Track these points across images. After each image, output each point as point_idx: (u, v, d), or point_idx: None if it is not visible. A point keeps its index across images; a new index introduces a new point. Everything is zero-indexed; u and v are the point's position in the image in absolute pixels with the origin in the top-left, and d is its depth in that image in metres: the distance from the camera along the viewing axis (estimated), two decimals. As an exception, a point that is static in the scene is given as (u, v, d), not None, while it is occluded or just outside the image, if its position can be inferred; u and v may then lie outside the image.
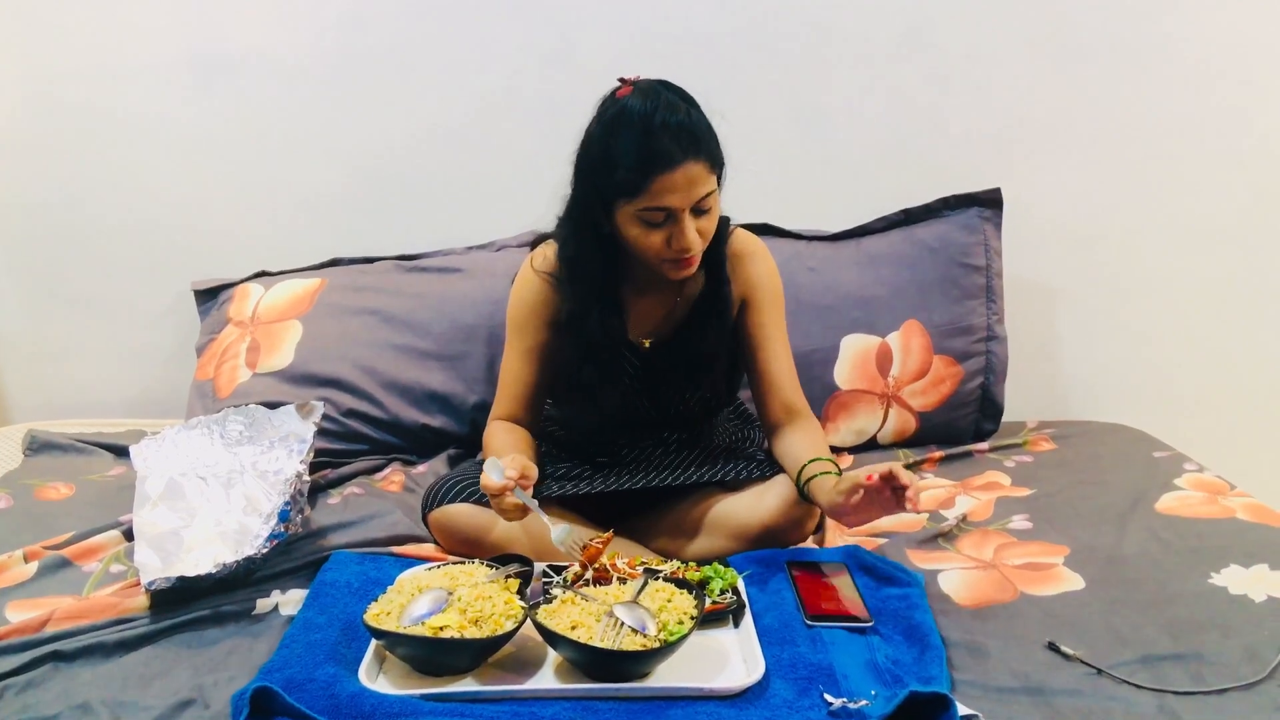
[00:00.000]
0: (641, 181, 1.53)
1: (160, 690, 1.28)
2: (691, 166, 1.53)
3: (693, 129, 1.54)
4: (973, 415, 2.18)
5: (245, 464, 1.76)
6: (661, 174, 1.52)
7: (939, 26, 2.26)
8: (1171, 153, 2.31)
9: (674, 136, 1.52)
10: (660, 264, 1.62)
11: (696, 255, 1.61)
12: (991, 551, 1.65)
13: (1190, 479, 1.88)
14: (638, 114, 1.54)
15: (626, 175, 1.54)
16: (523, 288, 1.77)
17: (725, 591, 1.44)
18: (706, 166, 1.55)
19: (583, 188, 1.63)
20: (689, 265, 1.62)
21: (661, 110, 1.53)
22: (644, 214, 1.56)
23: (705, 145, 1.55)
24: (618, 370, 1.74)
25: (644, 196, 1.54)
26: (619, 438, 1.80)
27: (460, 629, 1.28)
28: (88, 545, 1.67)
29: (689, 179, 1.53)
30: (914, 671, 1.29)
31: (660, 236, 1.57)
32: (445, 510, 1.68)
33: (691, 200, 1.55)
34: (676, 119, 1.53)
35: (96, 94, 2.30)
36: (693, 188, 1.54)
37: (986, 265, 2.19)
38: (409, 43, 2.27)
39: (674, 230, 1.56)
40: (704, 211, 1.58)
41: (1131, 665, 1.29)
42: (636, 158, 1.52)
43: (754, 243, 1.79)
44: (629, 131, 1.54)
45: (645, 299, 1.75)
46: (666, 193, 1.53)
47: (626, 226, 1.59)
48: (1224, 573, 1.52)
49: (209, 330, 2.29)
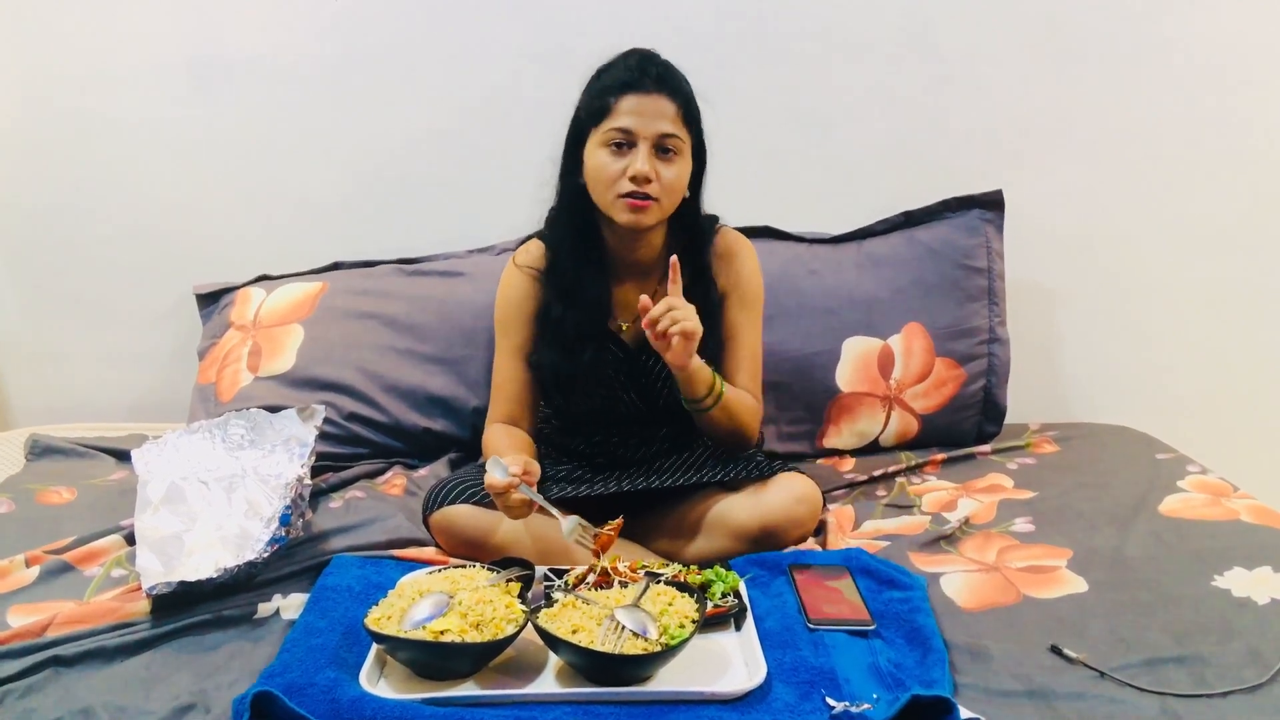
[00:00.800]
0: (610, 100, 1.65)
1: (161, 695, 1.28)
2: (661, 99, 1.64)
3: (673, 75, 1.67)
4: (975, 417, 2.17)
5: (247, 468, 1.76)
6: (629, 94, 1.64)
7: (940, 29, 2.25)
8: (1173, 154, 2.31)
9: (651, 74, 1.65)
10: (615, 203, 1.66)
11: (652, 203, 1.65)
12: (994, 554, 1.64)
13: (1193, 481, 1.88)
14: (623, 55, 1.70)
15: (599, 99, 1.66)
16: (507, 285, 1.82)
17: (727, 595, 1.44)
18: (677, 109, 1.65)
19: (572, 127, 1.73)
20: (644, 207, 1.65)
21: (646, 56, 1.68)
22: (608, 135, 1.65)
23: (683, 93, 1.66)
24: (599, 355, 1.75)
25: (610, 117, 1.64)
26: (608, 434, 1.80)
27: (461, 633, 1.28)
28: (89, 550, 1.67)
29: (656, 109, 1.63)
30: (916, 675, 1.29)
31: (621, 164, 1.64)
32: (446, 512, 1.68)
33: (654, 130, 1.63)
34: (658, 64, 1.67)
35: (97, 98, 2.30)
36: (658, 119, 1.63)
37: (988, 267, 2.19)
38: (408, 46, 2.27)
39: (632, 159, 1.63)
40: (668, 153, 1.65)
41: (1134, 668, 1.29)
42: (616, 79, 1.66)
43: (740, 242, 1.84)
44: (616, 62, 1.69)
45: (622, 287, 1.79)
46: (631, 114, 1.63)
47: (593, 156, 1.67)
48: (1227, 575, 1.51)
49: (210, 334, 2.29)
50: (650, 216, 1.67)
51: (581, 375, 1.76)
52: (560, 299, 1.76)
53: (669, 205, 1.68)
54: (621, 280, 1.79)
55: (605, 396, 1.78)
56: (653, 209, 1.66)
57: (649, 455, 1.80)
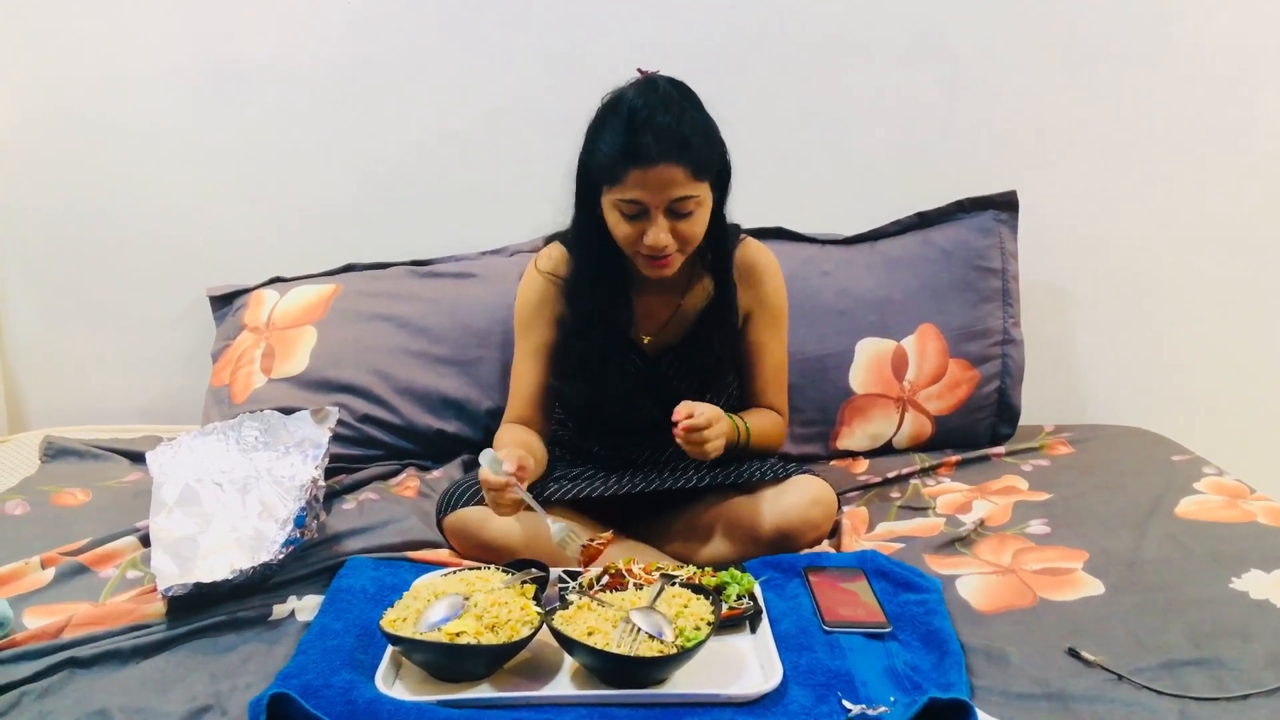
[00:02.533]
0: (618, 171, 1.58)
1: (177, 696, 1.28)
2: (669, 168, 1.56)
3: (679, 132, 1.56)
4: (989, 419, 2.16)
5: (261, 470, 1.76)
6: (636, 168, 1.56)
7: (952, 31, 2.25)
8: (1187, 155, 2.30)
9: (657, 135, 1.55)
10: (636, 258, 1.65)
11: (672, 257, 1.63)
12: (1010, 556, 1.64)
13: (1210, 483, 1.87)
14: (628, 105, 1.58)
15: (606, 162, 1.59)
16: (527, 288, 1.81)
17: (742, 597, 1.44)
18: (687, 171, 1.57)
19: (580, 169, 1.67)
20: (664, 265, 1.64)
21: (652, 107, 1.57)
22: (620, 204, 1.60)
23: (691, 151, 1.57)
24: (621, 367, 1.75)
25: (619, 187, 1.58)
26: (624, 439, 1.81)
27: (476, 635, 1.28)
28: (104, 551, 1.67)
29: (664, 179, 1.56)
30: (933, 678, 1.28)
31: (634, 230, 1.61)
32: (460, 515, 1.68)
33: (665, 200, 1.58)
34: (664, 119, 1.56)
35: (111, 104, 2.31)
36: (667, 189, 1.57)
37: (1002, 268, 2.18)
38: (420, 49, 2.27)
39: (647, 226, 1.60)
40: (683, 215, 1.60)
41: (1152, 671, 1.28)
42: (617, 147, 1.57)
43: (765, 256, 1.82)
44: (616, 120, 1.59)
45: (647, 298, 1.78)
46: (639, 187, 1.57)
47: (608, 212, 1.64)
48: (1245, 578, 1.50)
49: (224, 336, 2.29)
50: (672, 268, 1.66)
51: (602, 380, 1.76)
52: (581, 328, 1.76)
53: (692, 249, 1.67)
54: (644, 292, 1.78)
55: (624, 405, 1.78)
56: (674, 260, 1.65)
57: (663, 457, 1.80)
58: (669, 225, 1.60)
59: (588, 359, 1.76)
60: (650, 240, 1.60)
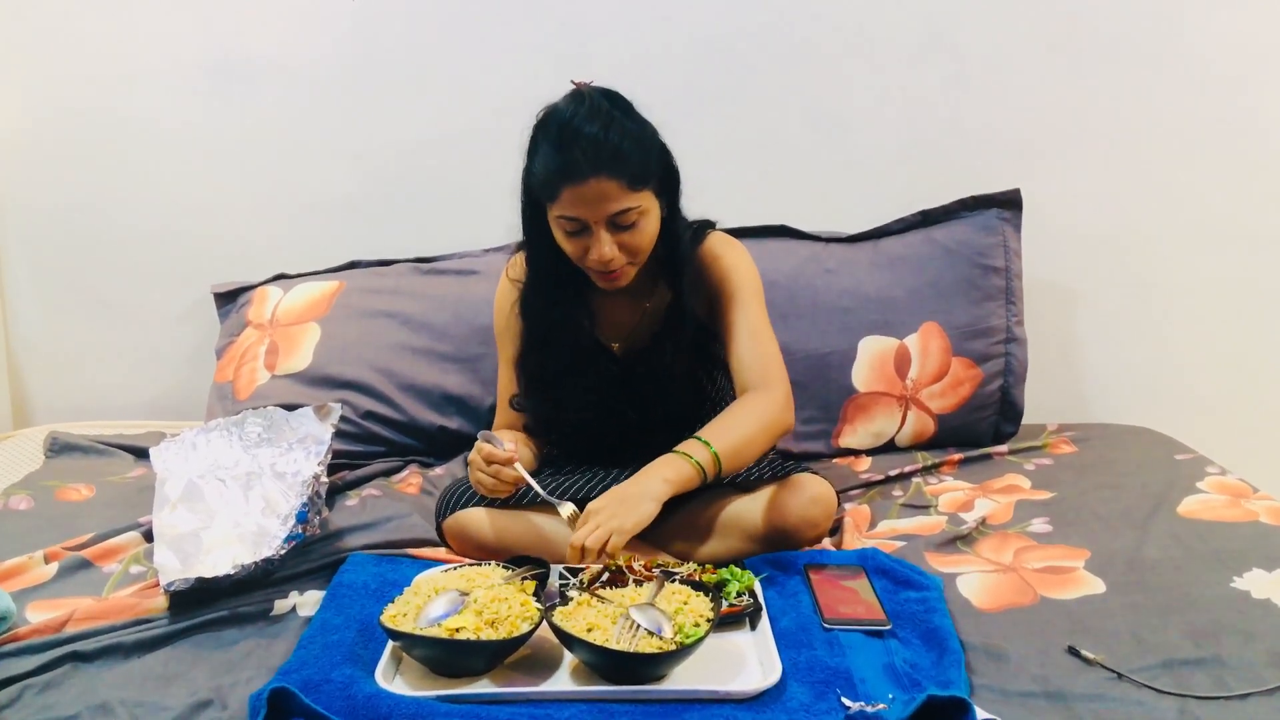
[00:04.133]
0: (554, 189, 1.55)
1: (179, 691, 1.29)
2: (601, 182, 1.52)
3: (609, 144, 1.52)
4: (992, 417, 2.16)
5: (264, 466, 1.77)
6: (569, 185, 1.53)
7: (957, 29, 2.25)
8: (1192, 153, 2.29)
9: (585, 150, 1.51)
10: (588, 272, 1.63)
11: (622, 270, 1.60)
12: (1011, 555, 1.63)
13: (1212, 482, 1.86)
14: (555, 121, 1.55)
15: (541, 179, 1.57)
16: (501, 297, 1.82)
17: (742, 594, 1.44)
18: (621, 184, 1.53)
19: (523, 187, 1.65)
20: (614, 278, 1.62)
21: (580, 120, 1.53)
22: (561, 221, 1.58)
23: (624, 163, 1.53)
24: (589, 372, 1.74)
25: (557, 204, 1.56)
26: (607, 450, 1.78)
27: (476, 630, 1.28)
28: (107, 546, 1.68)
29: (598, 194, 1.52)
30: (932, 675, 1.28)
31: (579, 246, 1.59)
32: (459, 517, 1.68)
33: (602, 215, 1.54)
34: (591, 132, 1.52)
35: (116, 101, 2.31)
36: (602, 203, 1.53)
37: (1006, 267, 2.17)
38: (424, 47, 2.28)
39: (590, 242, 1.57)
40: (626, 227, 1.57)
41: (1153, 670, 1.28)
42: (550, 165, 1.54)
43: (723, 245, 1.76)
44: (546, 137, 1.56)
45: (612, 303, 1.76)
46: (576, 204, 1.54)
47: (553, 228, 1.62)
48: (1246, 576, 1.50)
49: (228, 333, 2.30)
50: (625, 279, 1.63)
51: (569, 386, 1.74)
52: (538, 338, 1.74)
53: (644, 257, 1.63)
54: (611, 299, 1.75)
55: (598, 412, 1.75)
56: (625, 272, 1.62)
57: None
58: (613, 238, 1.57)
59: (545, 368, 1.74)
60: (594, 256, 1.57)
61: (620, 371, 1.76)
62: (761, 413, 1.63)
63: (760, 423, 1.62)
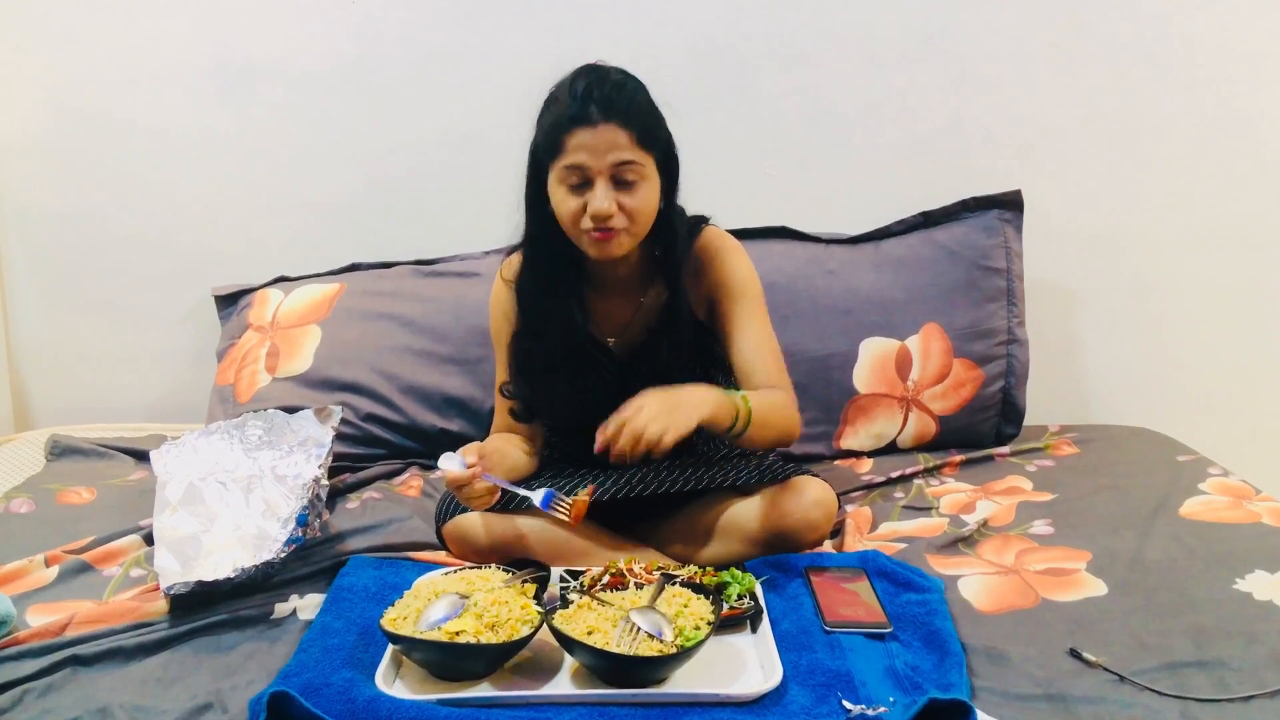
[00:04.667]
0: (560, 137, 1.57)
1: (179, 694, 1.29)
2: (610, 129, 1.55)
3: (620, 98, 1.56)
4: (994, 419, 2.16)
5: (264, 469, 1.77)
6: (577, 129, 1.55)
7: (957, 29, 2.24)
8: (1193, 153, 2.29)
9: (597, 101, 1.55)
10: (582, 237, 1.61)
11: (618, 233, 1.59)
12: (1012, 557, 1.63)
13: (1214, 483, 1.86)
14: (569, 83, 1.60)
15: (550, 133, 1.59)
16: (495, 298, 1.81)
17: (743, 597, 1.44)
18: (631, 137, 1.55)
19: (530, 160, 1.66)
20: (608, 239, 1.59)
21: (597, 76, 1.58)
22: (564, 172, 1.58)
23: (634, 117, 1.56)
24: (583, 366, 1.73)
25: (562, 155, 1.57)
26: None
27: (477, 634, 1.28)
28: (108, 550, 1.68)
29: (606, 141, 1.55)
30: (933, 678, 1.28)
31: (578, 202, 1.58)
32: (458, 522, 1.68)
33: (607, 163, 1.55)
34: (604, 89, 1.56)
35: (118, 103, 2.32)
36: (609, 151, 1.55)
37: (1007, 268, 2.17)
38: (425, 49, 2.28)
39: (590, 196, 1.57)
40: (627, 184, 1.57)
41: (1154, 672, 1.28)
42: (562, 113, 1.57)
43: (721, 239, 1.76)
44: (559, 95, 1.60)
45: (607, 299, 1.75)
46: (581, 149, 1.55)
47: (553, 192, 1.61)
48: (1249, 578, 1.50)
49: (229, 335, 2.30)
50: (619, 247, 1.61)
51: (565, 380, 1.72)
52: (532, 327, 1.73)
53: (639, 230, 1.62)
54: (606, 294, 1.75)
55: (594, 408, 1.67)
56: (620, 238, 1.60)
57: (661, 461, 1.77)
58: (613, 196, 1.57)
59: (537, 359, 1.72)
60: (593, 207, 1.56)
61: (616, 368, 1.74)
62: (786, 410, 1.68)
63: (784, 418, 1.68)
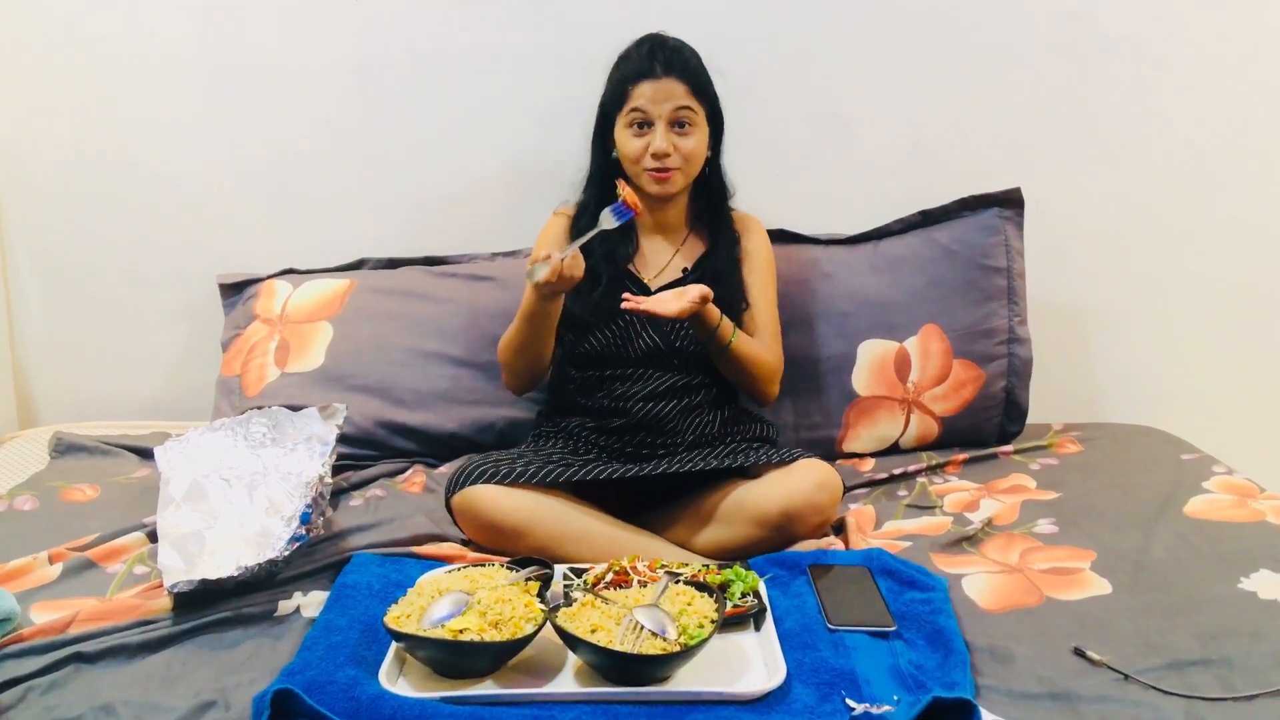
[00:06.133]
0: (627, 88, 1.84)
1: (182, 692, 1.29)
2: (670, 82, 1.82)
3: (681, 57, 1.85)
4: (997, 418, 2.15)
5: (268, 466, 1.76)
6: (643, 81, 1.83)
7: (958, 27, 2.24)
8: (1195, 152, 2.29)
9: (660, 59, 1.83)
10: (642, 175, 1.85)
11: (675, 170, 1.84)
12: (1017, 555, 1.63)
13: (1219, 482, 1.86)
14: (635, 46, 1.89)
15: (617, 87, 1.86)
16: (548, 227, 1.98)
17: (746, 595, 1.44)
18: (687, 89, 1.83)
19: (599, 112, 1.92)
20: (667, 178, 1.84)
21: (657, 41, 1.87)
22: (628, 117, 1.84)
23: (691, 73, 1.84)
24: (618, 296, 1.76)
25: (628, 101, 1.84)
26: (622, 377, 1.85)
27: (480, 632, 1.28)
28: (112, 547, 1.68)
29: (667, 91, 1.82)
30: (937, 677, 1.28)
31: (643, 143, 1.83)
32: (468, 493, 1.68)
33: (667, 110, 1.82)
34: (666, 50, 1.85)
35: (121, 98, 2.31)
36: (669, 100, 1.82)
37: (1008, 266, 2.16)
38: (434, 46, 2.27)
39: (652, 138, 1.82)
40: (684, 126, 1.83)
41: (1159, 671, 1.28)
42: (632, 67, 1.85)
43: (749, 218, 2.01)
44: (628, 57, 1.88)
45: (654, 241, 1.95)
46: (644, 97, 1.82)
47: (619, 137, 1.87)
48: (1254, 577, 1.50)
49: (234, 325, 2.28)
50: (674, 185, 1.86)
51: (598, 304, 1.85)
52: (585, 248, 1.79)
53: (691, 171, 1.87)
54: (652, 236, 1.95)
55: (622, 335, 1.87)
56: (676, 177, 1.85)
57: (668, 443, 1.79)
58: (671, 138, 1.82)
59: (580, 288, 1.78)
60: (655, 146, 1.81)
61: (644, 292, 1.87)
62: (769, 365, 1.90)
63: (766, 366, 1.89)
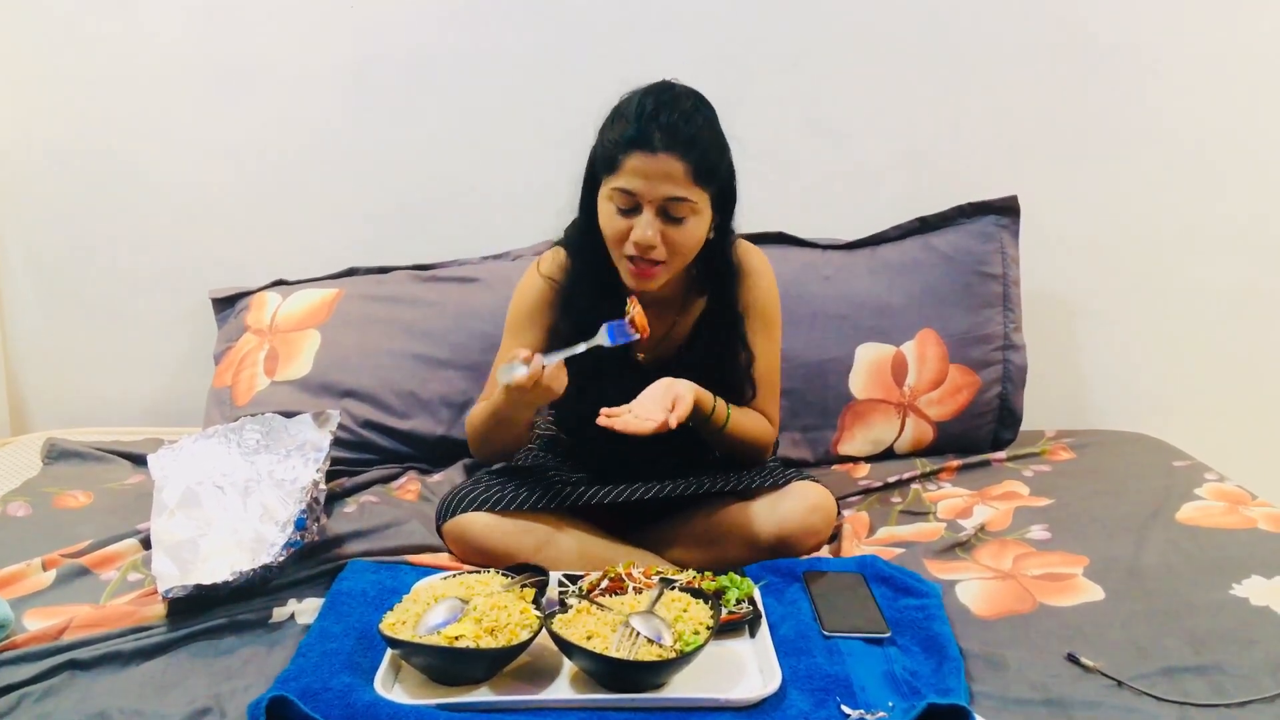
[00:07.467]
0: (618, 155, 1.56)
1: (177, 699, 1.28)
2: (670, 160, 1.54)
3: (685, 131, 1.56)
4: (991, 424, 2.16)
5: (262, 473, 1.77)
6: (636, 152, 1.54)
7: (955, 34, 2.25)
8: (1190, 159, 2.30)
9: (663, 128, 1.54)
10: (621, 262, 1.62)
11: (659, 267, 1.60)
12: (1010, 562, 1.63)
13: (1211, 489, 1.86)
14: (639, 98, 1.59)
15: (609, 149, 1.58)
16: (526, 289, 1.79)
17: (741, 601, 1.44)
18: (687, 170, 1.55)
19: (588, 165, 1.67)
20: (648, 274, 1.61)
21: (662, 102, 1.57)
22: (615, 193, 1.58)
23: (695, 151, 1.55)
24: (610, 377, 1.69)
25: (617, 174, 1.57)
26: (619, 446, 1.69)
27: (476, 638, 1.28)
28: (106, 553, 1.67)
29: (662, 170, 1.54)
30: (931, 683, 1.28)
31: (624, 226, 1.58)
32: (459, 521, 1.68)
33: (659, 194, 1.55)
34: (672, 117, 1.56)
35: (115, 103, 2.31)
36: (663, 182, 1.54)
37: (1004, 273, 2.18)
38: (424, 52, 2.28)
39: (636, 222, 1.57)
40: (675, 219, 1.57)
41: (1152, 677, 1.28)
42: (625, 132, 1.56)
43: (757, 259, 1.78)
44: (626, 110, 1.59)
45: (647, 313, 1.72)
46: (635, 175, 1.55)
47: (602, 206, 1.62)
48: (1245, 584, 1.50)
49: (226, 338, 2.29)
50: (656, 281, 1.62)
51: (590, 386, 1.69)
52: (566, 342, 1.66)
53: (679, 264, 1.63)
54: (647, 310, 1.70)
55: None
56: (658, 273, 1.61)
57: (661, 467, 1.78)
58: (659, 227, 1.57)
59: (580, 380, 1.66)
60: (637, 235, 1.56)
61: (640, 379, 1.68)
62: (765, 438, 1.78)
63: (764, 438, 1.77)
